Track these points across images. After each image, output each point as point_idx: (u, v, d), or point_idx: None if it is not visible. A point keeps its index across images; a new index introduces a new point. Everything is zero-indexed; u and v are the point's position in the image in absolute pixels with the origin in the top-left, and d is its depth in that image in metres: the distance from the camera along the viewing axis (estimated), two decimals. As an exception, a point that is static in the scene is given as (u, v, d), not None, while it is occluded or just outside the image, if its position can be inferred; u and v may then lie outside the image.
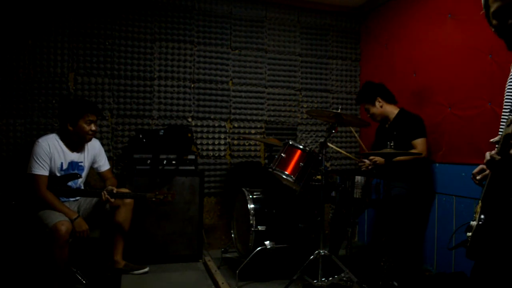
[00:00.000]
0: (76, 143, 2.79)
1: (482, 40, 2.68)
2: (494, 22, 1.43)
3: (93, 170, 2.99)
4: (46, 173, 2.62)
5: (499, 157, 1.33)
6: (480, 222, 1.42)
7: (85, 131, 2.72)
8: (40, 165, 2.59)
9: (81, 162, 2.82)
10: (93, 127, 2.75)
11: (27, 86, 3.28)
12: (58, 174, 2.70)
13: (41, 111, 3.32)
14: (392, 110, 3.13)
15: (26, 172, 2.61)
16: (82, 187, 2.89)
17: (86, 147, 2.86)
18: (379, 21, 3.94)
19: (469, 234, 1.57)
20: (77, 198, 2.86)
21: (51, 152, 2.66)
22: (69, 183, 2.75)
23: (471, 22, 2.82)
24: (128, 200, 2.82)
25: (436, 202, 3.05)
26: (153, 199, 2.79)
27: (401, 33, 3.59)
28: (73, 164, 2.77)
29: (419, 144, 2.93)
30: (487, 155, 1.38)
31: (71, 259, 2.73)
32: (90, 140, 2.82)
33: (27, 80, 3.29)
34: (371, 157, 3.02)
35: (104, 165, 2.98)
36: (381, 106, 3.11)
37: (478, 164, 1.56)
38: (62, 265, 2.44)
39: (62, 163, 2.72)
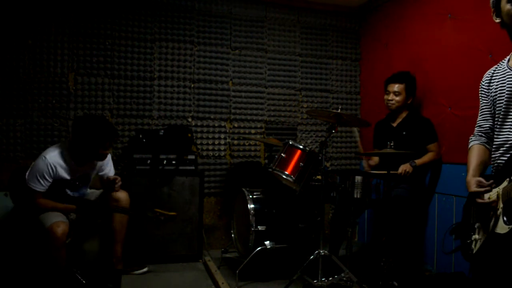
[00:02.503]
0: (87, 161, 2.68)
1: (482, 40, 2.68)
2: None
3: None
4: (44, 189, 2.52)
5: None
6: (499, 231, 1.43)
7: (100, 155, 2.63)
8: (41, 183, 2.48)
9: (89, 173, 2.77)
10: (107, 151, 2.67)
11: (27, 86, 3.29)
12: (69, 191, 2.69)
13: (41, 111, 3.32)
14: (405, 111, 3.17)
15: (25, 180, 2.51)
16: (88, 192, 2.88)
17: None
18: (379, 21, 3.94)
19: (476, 236, 1.58)
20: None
21: (57, 172, 2.53)
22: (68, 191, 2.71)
23: (471, 22, 2.82)
24: (124, 202, 2.79)
25: (436, 202, 3.05)
26: (154, 220, 2.72)
27: (401, 33, 3.59)
28: (81, 178, 2.71)
29: (434, 147, 3.00)
30: None
31: (71, 259, 2.73)
32: (100, 161, 2.73)
33: (27, 80, 3.29)
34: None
35: (109, 172, 2.88)
36: (408, 102, 3.12)
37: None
38: (61, 266, 2.43)
39: (69, 177, 2.62)
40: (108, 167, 2.89)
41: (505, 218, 1.43)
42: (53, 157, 2.51)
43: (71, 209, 2.57)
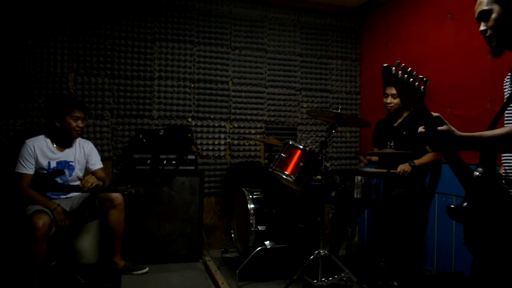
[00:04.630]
0: (64, 141, 2.80)
1: (482, 40, 2.66)
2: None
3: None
4: (29, 171, 2.66)
5: None
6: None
7: (72, 127, 2.74)
8: (23, 165, 2.65)
9: (71, 161, 2.81)
10: (80, 124, 2.77)
11: (27, 86, 3.28)
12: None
13: (41, 111, 3.31)
14: (405, 111, 3.13)
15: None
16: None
17: (76, 146, 2.87)
18: (379, 21, 3.94)
19: None
20: (70, 196, 2.87)
21: (35, 153, 2.69)
22: (57, 180, 2.75)
23: (471, 22, 2.80)
24: (118, 201, 2.80)
25: (436, 202, 3.05)
26: (125, 192, 2.74)
27: (401, 33, 3.59)
28: (62, 163, 2.77)
29: None
30: None
31: (70, 259, 2.73)
32: (77, 136, 2.83)
33: (27, 80, 3.29)
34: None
35: (95, 164, 2.96)
36: None
37: (476, 164, 1.56)
38: (40, 260, 2.40)
39: (49, 162, 2.72)
40: (93, 159, 2.95)
41: None
42: (32, 140, 2.74)
43: (49, 206, 2.58)
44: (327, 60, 4.15)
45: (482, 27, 1.52)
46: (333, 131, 2.65)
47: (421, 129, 1.34)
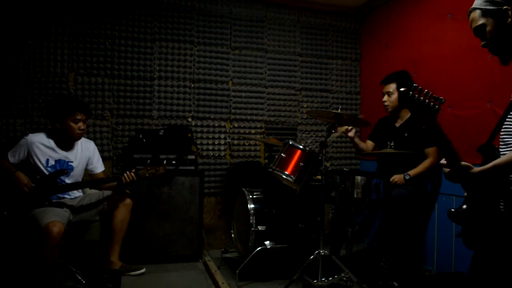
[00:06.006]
0: (65, 142, 2.79)
1: (482, 40, 2.68)
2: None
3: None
4: (11, 160, 2.69)
5: None
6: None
7: (73, 130, 2.72)
8: (11, 151, 2.71)
9: (71, 162, 2.80)
10: (81, 126, 2.74)
11: (27, 86, 3.29)
12: (45, 171, 2.70)
13: (41, 111, 3.32)
14: (407, 111, 3.08)
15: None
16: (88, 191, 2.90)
17: (78, 147, 2.86)
18: (379, 21, 3.94)
19: None
20: (76, 196, 2.87)
21: (29, 147, 2.69)
22: (63, 179, 2.76)
23: (471, 22, 2.81)
24: (127, 201, 2.82)
25: (436, 202, 3.05)
26: (146, 174, 2.78)
27: (401, 33, 3.59)
28: (61, 162, 2.76)
29: (432, 152, 2.93)
30: None
31: (71, 259, 2.73)
32: (79, 138, 2.81)
33: (27, 80, 3.29)
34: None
35: (97, 167, 2.96)
36: None
37: (478, 164, 1.55)
38: (52, 266, 2.41)
39: (48, 159, 2.72)
40: (94, 162, 2.94)
41: None
42: (32, 135, 2.76)
43: (11, 170, 2.59)
44: (327, 60, 4.15)
45: (483, 42, 1.52)
46: (333, 131, 2.65)
47: (443, 162, 1.45)
